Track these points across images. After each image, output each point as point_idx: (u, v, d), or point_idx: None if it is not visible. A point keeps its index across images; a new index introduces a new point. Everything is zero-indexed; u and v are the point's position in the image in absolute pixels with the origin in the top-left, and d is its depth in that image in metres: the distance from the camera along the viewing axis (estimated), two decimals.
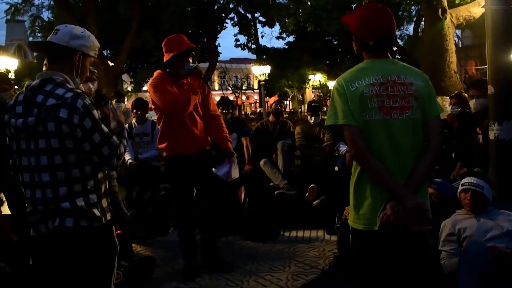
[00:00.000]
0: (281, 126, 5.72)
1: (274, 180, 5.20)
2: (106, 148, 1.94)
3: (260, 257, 4.16)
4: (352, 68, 2.03)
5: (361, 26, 1.99)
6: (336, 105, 1.94)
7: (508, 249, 2.92)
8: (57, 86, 1.94)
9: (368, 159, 1.87)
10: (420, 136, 1.94)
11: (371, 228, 1.90)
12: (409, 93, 1.92)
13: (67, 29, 2.06)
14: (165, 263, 4.09)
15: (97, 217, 1.98)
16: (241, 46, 24.38)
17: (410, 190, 1.84)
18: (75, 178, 1.94)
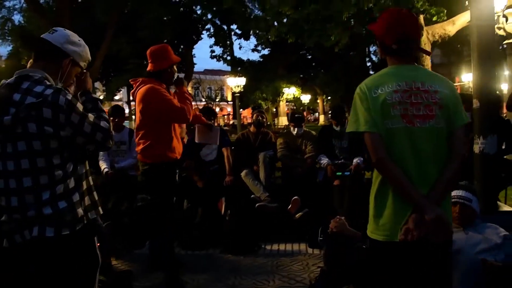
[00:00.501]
0: (263, 136, 5.64)
1: (256, 192, 5.10)
2: (99, 134, 1.92)
3: (242, 271, 4.03)
4: (375, 74, 1.98)
5: (384, 29, 1.95)
6: (357, 111, 1.88)
7: (498, 262, 2.91)
8: (35, 83, 1.83)
9: (390, 168, 1.80)
10: (443, 145, 1.88)
11: (392, 239, 1.83)
12: (433, 101, 1.87)
13: (65, 33, 2.02)
14: (143, 277, 3.92)
15: (79, 217, 1.87)
16: (216, 57, 24.38)
17: (432, 201, 1.78)
18: (58, 180, 1.82)
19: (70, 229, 1.84)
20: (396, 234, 1.81)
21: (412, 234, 1.72)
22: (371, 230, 1.93)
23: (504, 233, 3.22)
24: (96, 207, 2.02)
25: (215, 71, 45.71)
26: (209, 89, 43.69)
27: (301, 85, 30.45)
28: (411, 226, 1.74)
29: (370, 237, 1.94)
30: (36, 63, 1.95)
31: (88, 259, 1.98)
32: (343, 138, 5.35)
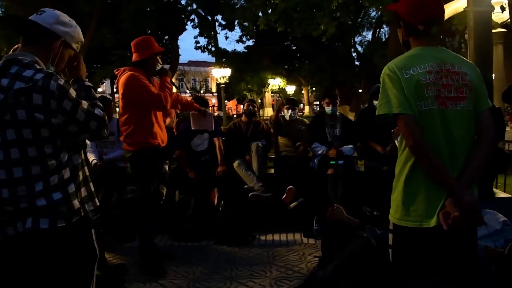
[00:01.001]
0: (254, 126, 5.56)
1: (249, 183, 5.03)
2: (93, 122, 1.82)
3: (238, 262, 3.97)
4: (402, 55, 1.88)
5: (411, 8, 1.87)
6: (389, 92, 1.79)
7: (500, 248, 2.91)
8: (24, 68, 1.71)
9: (427, 152, 1.73)
10: (472, 129, 1.83)
11: (422, 225, 1.77)
12: (464, 83, 1.81)
13: (54, 13, 1.89)
14: (136, 270, 3.81)
15: (75, 209, 1.77)
16: (201, 48, 24.09)
17: (464, 185, 1.73)
18: (52, 170, 1.72)
19: (66, 221, 1.74)
20: (428, 220, 1.76)
21: (452, 218, 1.66)
22: (399, 217, 1.85)
23: (503, 218, 3.24)
24: (92, 198, 1.93)
25: (199, 62, 45.35)
26: (194, 80, 43.36)
27: (286, 76, 30.40)
28: (450, 210, 1.68)
29: (398, 224, 1.85)
30: (25, 47, 1.83)
31: (85, 252, 1.88)
32: (335, 126, 5.31)
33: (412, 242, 1.83)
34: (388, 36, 16.72)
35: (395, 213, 1.87)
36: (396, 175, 1.91)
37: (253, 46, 26.94)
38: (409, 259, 1.84)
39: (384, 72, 1.85)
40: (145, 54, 3.66)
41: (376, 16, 19.83)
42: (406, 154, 1.83)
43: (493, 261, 2.78)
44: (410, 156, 1.81)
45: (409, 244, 1.84)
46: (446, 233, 1.70)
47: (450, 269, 1.80)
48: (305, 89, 37.80)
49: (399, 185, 1.87)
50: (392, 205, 1.90)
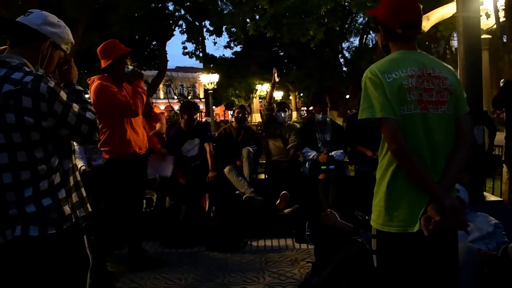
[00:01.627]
0: (245, 131, 5.54)
1: (240, 188, 5.00)
2: (84, 125, 1.79)
3: (230, 268, 3.93)
4: (383, 59, 1.88)
5: (389, 13, 1.88)
6: (371, 97, 1.78)
7: (492, 251, 2.93)
8: (13, 70, 1.67)
9: (410, 156, 1.72)
10: (452, 133, 1.83)
11: (406, 230, 1.76)
12: (444, 87, 1.82)
13: (42, 13, 1.84)
14: (127, 278, 3.75)
15: (66, 215, 1.73)
16: (189, 54, 24.00)
17: (445, 189, 1.73)
18: (42, 175, 1.67)
19: (57, 228, 1.70)
20: (411, 225, 1.75)
21: (433, 223, 1.66)
22: (382, 223, 1.83)
23: (494, 221, 3.26)
24: (84, 204, 1.88)
25: (187, 68, 45.22)
26: (181, 86, 43.19)
27: None
28: (432, 215, 1.68)
29: (381, 230, 1.84)
30: (12, 49, 1.78)
31: (78, 259, 1.84)
32: (326, 131, 5.32)
33: (396, 247, 1.82)
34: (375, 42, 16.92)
35: (377, 218, 1.86)
36: (377, 180, 1.90)
37: (241, 52, 26.99)
38: (393, 265, 1.83)
39: (365, 75, 1.84)
40: (110, 59, 3.53)
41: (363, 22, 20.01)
42: (388, 159, 1.83)
43: (486, 263, 2.80)
44: (392, 161, 1.80)
45: (393, 250, 1.83)
46: (429, 237, 1.70)
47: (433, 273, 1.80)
48: (293, 94, 37.88)
49: (381, 190, 1.86)
50: (374, 211, 1.89)
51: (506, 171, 5.10)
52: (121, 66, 3.56)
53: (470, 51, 3.70)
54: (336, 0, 8.92)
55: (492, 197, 4.31)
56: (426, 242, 1.74)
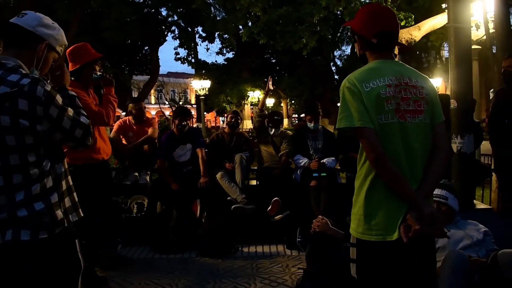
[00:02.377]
0: (237, 137, 5.55)
1: (232, 194, 4.99)
2: (79, 130, 1.78)
3: (221, 274, 3.92)
4: (361, 69, 1.89)
5: (363, 23, 1.91)
6: (349, 106, 1.78)
7: (482, 258, 2.96)
8: (9, 72, 1.66)
9: (389, 165, 1.73)
10: (429, 141, 1.86)
11: (385, 238, 1.76)
12: (421, 96, 1.84)
13: (36, 15, 1.82)
14: (117, 283, 3.72)
15: (59, 220, 1.71)
16: (181, 59, 24.00)
17: (423, 197, 1.75)
18: (34, 179, 1.66)
19: (49, 233, 1.68)
20: (389, 233, 1.75)
21: (413, 231, 1.68)
22: (361, 231, 1.83)
23: (484, 229, 3.28)
24: (77, 208, 1.87)
25: (179, 73, 45.23)
26: (173, 92, 43.11)
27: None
28: (411, 223, 1.69)
29: (360, 238, 1.84)
30: (6, 51, 1.76)
31: (69, 264, 1.82)
32: (317, 139, 5.34)
33: (375, 255, 1.82)
34: None
35: (357, 227, 1.86)
36: (356, 189, 1.90)
37: (233, 59, 27.05)
38: (373, 273, 1.84)
39: (343, 85, 1.84)
40: (78, 64, 3.44)
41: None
42: (367, 168, 1.83)
43: (476, 270, 2.82)
44: (370, 170, 1.81)
45: (372, 258, 1.83)
46: (408, 245, 1.71)
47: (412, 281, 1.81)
48: (284, 102, 38.00)
49: (359, 199, 1.86)
50: (353, 219, 1.89)
51: (495, 180, 5.16)
52: (90, 72, 3.51)
53: (461, 61, 3.75)
54: (328, 9, 9.00)
55: (482, 205, 4.35)
56: (405, 250, 1.75)
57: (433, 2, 11.21)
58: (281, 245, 4.70)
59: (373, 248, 1.81)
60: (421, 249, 1.80)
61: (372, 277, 1.83)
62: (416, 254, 1.79)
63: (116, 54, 16.60)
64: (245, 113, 32.95)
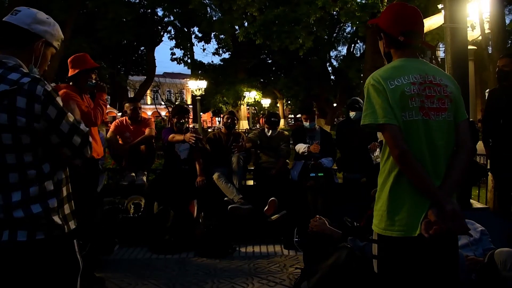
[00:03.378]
0: (234, 137, 5.55)
1: (229, 195, 4.99)
2: (77, 137, 1.71)
3: (219, 274, 3.91)
4: (385, 66, 1.91)
5: (391, 21, 1.93)
6: (374, 102, 1.80)
7: (479, 257, 2.97)
8: (9, 71, 1.64)
9: (413, 161, 1.74)
10: (452, 138, 1.87)
11: (408, 234, 1.77)
12: (445, 94, 1.85)
13: (30, 12, 1.77)
14: (114, 284, 3.71)
15: (57, 225, 1.68)
16: (177, 60, 24.00)
17: (446, 194, 1.75)
18: (31, 180, 1.64)
19: (45, 234, 1.67)
20: (412, 229, 1.76)
21: (435, 228, 1.68)
22: (384, 227, 1.84)
23: (480, 228, 3.31)
24: (75, 216, 1.84)
25: (175, 74, 45.13)
26: (169, 92, 43.05)
27: (261, 89, 30.54)
28: (433, 219, 1.70)
29: (382, 234, 1.85)
30: (3, 51, 1.73)
31: (68, 264, 1.80)
32: (315, 139, 5.35)
33: (397, 251, 1.83)
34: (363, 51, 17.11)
35: (379, 223, 1.87)
36: (379, 185, 1.91)
37: (229, 59, 27.06)
38: (394, 269, 1.84)
39: (368, 82, 1.86)
40: (75, 70, 3.75)
41: (351, 31, 20.24)
42: (390, 164, 1.85)
43: (473, 270, 2.84)
44: (394, 166, 1.82)
45: (394, 254, 1.84)
46: (430, 242, 1.73)
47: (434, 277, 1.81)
48: (280, 102, 38.02)
49: (383, 195, 1.87)
50: (376, 215, 1.90)
51: (491, 179, 5.18)
52: (86, 79, 3.79)
53: (457, 61, 3.77)
54: (325, 9, 9.02)
55: (479, 204, 4.38)
56: (427, 247, 1.76)
57: (429, 3, 11.26)
58: (279, 245, 4.69)
59: (395, 244, 1.81)
60: (444, 246, 1.81)
61: (394, 273, 1.84)
62: (439, 250, 1.80)
63: (112, 54, 16.58)
64: (242, 114, 32.96)
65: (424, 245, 1.75)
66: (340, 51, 27.12)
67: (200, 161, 5.21)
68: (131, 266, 4.18)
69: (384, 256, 1.87)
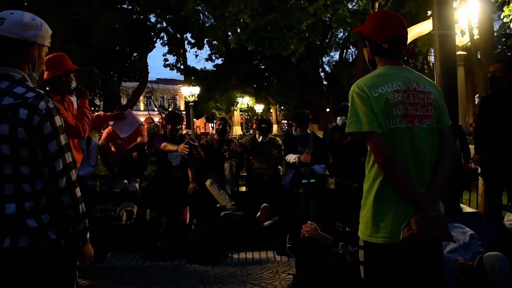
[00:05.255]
0: (227, 144, 5.55)
1: (221, 201, 5.00)
2: (60, 162, 1.67)
3: (211, 281, 3.92)
4: (369, 74, 1.93)
5: (375, 28, 1.95)
6: (358, 111, 1.82)
7: (469, 261, 3.00)
8: (15, 84, 1.66)
9: (397, 169, 1.76)
10: (436, 145, 1.89)
11: (393, 241, 1.79)
12: (429, 101, 1.88)
13: (16, 18, 1.71)
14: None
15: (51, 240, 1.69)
16: (170, 66, 24.00)
17: (430, 201, 1.78)
18: (27, 194, 1.64)
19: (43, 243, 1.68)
20: (396, 236, 1.78)
21: (417, 234, 1.71)
22: (369, 234, 1.86)
23: (470, 232, 3.34)
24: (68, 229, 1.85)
25: (168, 80, 45.05)
26: (162, 98, 42.99)
27: (254, 94, 30.61)
28: (414, 226, 1.73)
29: (368, 240, 1.87)
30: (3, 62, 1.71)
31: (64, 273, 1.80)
32: (307, 145, 5.37)
33: (383, 258, 1.85)
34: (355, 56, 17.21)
35: (365, 230, 1.89)
36: (364, 192, 1.93)
37: (222, 65, 27.12)
38: (380, 275, 1.86)
39: (352, 90, 1.88)
40: (57, 72, 3.49)
41: (343, 37, 20.37)
42: (375, 171, 1.87)
43: (463, 274, 2.86)
44: (379, 173, 1.84)
45: (380, 260, 1.86)
46: (415, 248, 1.75)
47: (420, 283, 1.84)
48: (274, 107, 38.11)
49: (368, 202, 1.89)
50: (362, 222, 1.92)
51: (482, 184, 5.23)
52: (68, 82, 3.56)
53: (446, 67, 3.82)
54: (316, 16, 9.08)
55: (469, 208, 4.42)
56: (412, 253, 1.79)
57: (420, 8, 11.38)
58: (271, 251, 4.71)
59: (380, 250, 1.83)
60: (428, 251, 1.83)
61: (380, 279, 1.86)
62: (423, 256, 1.82)
63: (104, 60, 16.54)
64: (235, 119, 33.00)
65: (409, 252, 1.78)
66: (333, 57, 27.24)
67: (193, 168, 5.21)
68: (124, 273, 4.17)
69: (370, 262, 1.89)
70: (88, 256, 1.90)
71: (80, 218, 1.77)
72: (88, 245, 1.88)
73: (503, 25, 14.72)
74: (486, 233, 3.54)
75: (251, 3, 9.48)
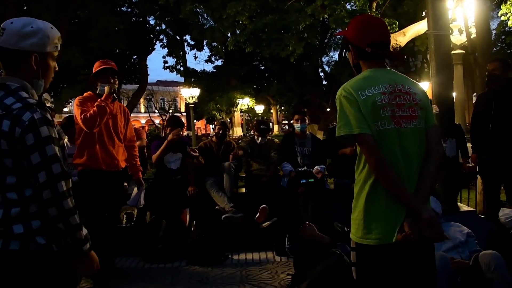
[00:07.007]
0: (226, 146, 5.58)
1: (220, 203, 5.02)
2: (43, 174, 1.61)
3: (211, 282, 3.95)
4: (355, 78, 1.95)
5: (357, 33, 1.96)
6: (347, 113, 1.84)
7: (465, 260, 3.02)
8: (8, 94, 1.65)
9: (389, 169, 1.78)
10: (424, 145, 1.91)
11: (384, 242, 1.81)
12: (415, 102, 1.90)
13: (14, 28, 1.71)
14: None
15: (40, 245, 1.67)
16: (169, 68, 24.03)
17: (421, 201, 1.80)
18: (12, 200, 1.64)
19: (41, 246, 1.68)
20: (388, 237, 1.80)
21: (411, 235, 1.73)
22: (361, 236, 1.87)
23: (467, 230, 3.36)
24: None
25: (168, 82, 45.17)
26: (162, 100, 43.03)
27: (254, 95, 30.63)
28: (407, 229, 1.75)
29: (359, 242, 1.88)
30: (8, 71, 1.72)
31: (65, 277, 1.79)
32: (305, 145, 5.40)
33: (375, 259, 1.86)
34: None
35: (356, 231, 1.90)
36: (355, 194, 1.94)
37: (222, 66, 27.11)
38: (372, 277, 1.88)
39: (340, 94, 1.89)
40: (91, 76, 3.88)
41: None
42: (366, 173, 1.87)
43: (459, 272, 2.88)
44: (369, 175, 1.86)
45: (372, 262, 1.87)
46: (407, 249, 1.77)
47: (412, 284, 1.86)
48: (274, 108, 38.15)
49: (359, 204, 1.90)
50: (353, 224, 1.93)
51: (480, 182, 5.24)
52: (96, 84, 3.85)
53: (441, 66, 3.84)
54: (314, 16, 9.09)
55: (466, 207, 4.43)
56: (404, 254, 1.81)
57: (418, 8, 11.39)
58: (270, 252, 4.73)
59: (372, 252, 1.84)
60: (421, 253, 1.85)
61: (372, 280, 1.87)
62: (416, 258, 1.84)
63: None
64: (235, 120, 33.02)
65: (401, 253, 1.79)
66: (332, 57, 27.32)
67: (192, 171, 5.23)
68: (124, 275, 4.18)
69: (362, 263, 1.90)
70: (89, 266, 1.78)
71: (72, 230, 1.67)
72: (87, 256, 1.75)
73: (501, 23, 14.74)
74: (483, 232, 3.56)
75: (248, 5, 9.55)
